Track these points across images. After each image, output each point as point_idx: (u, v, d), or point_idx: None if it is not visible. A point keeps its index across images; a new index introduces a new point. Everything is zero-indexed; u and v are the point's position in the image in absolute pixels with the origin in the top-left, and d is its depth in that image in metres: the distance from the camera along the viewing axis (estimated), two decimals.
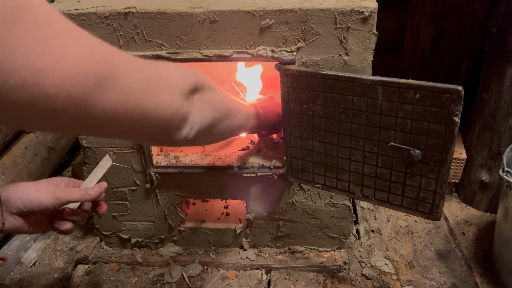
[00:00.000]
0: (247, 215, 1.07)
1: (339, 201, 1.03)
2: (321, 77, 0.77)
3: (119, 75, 0.39)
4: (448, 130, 0.68)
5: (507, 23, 1.08)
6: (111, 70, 0.38)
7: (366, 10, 0.79)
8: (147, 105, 0.43)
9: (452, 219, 1.28)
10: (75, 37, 0.35)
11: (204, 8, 0.81)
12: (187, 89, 0.51)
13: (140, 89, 0.42)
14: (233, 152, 1.05)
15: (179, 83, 0.50)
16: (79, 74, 0.34)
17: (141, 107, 0.42)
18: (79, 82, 0.34)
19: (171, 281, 1.07)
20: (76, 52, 0.34)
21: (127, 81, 0.40)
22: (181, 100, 0.49)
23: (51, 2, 0.88)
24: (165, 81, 0.47)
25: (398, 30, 1.49)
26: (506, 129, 1.17)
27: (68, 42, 0.34)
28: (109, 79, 0.37)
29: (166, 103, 0.46)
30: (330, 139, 0.82)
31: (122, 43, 0.85)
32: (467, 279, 1.06)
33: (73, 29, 0.35)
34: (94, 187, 0.69)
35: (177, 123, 0.50)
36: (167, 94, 0.46)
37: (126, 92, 0.40)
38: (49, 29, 0.32)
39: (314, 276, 1.07)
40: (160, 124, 0.47)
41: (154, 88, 0.44)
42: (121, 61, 0.40)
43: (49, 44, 0.32)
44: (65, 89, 0.33)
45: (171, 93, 0.47)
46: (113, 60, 0.39)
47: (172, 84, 0.48)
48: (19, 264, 1.14)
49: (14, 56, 0.29)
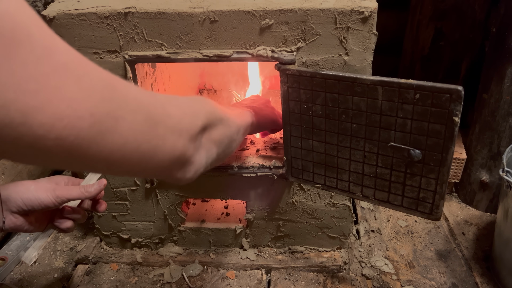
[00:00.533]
0: (247, 215, 1.07)
1: (339, 201, 1.03)
2: (321, 77, 0.77)
3: (119, 117, 0.35)
4: (448, 130, 0.68)
5: (507, 23, 1.08)
6: (110, 112, 0.34)
7: (366, 10, 0.79)
8: (148, 149, 0.40)
9: (452, 219, 1.28)
10: (75, 74, 0.32)
11: (204, 8, 0.81)
12: (196, 131, 0.47)
13: (142, 132, 0.38)
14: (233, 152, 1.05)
15: (188, 124, 0.46)
16: (72, 115, 0.31)
17: (140, 151, 0.39)
18: (71, 123, 0.31)
19: (171, 281, 1.07)
20: (73, 91, 0.31)
21: (127, 124, 0.36)
22: (187, 144, 0.45)
23: (51, 2, 0.88)
24: (173, 122, 0.43)
25: (398, 30, 1.49)
26: (506, 129, 1.17)
27: (65, 80, 0.31)
28: (107, 122, 0.34)
29: (169, 147, 0.42)
30: (330, 139, 0.82)
31: (122, 43, 0.85)
32: (467, 279, 1.06)
33: (75, 64, 0.33)
34: (93, 184, 0.69)
35: (180, 166, 0.46)
36: (171, 137, 0.43)
37: (124, 136, 0.36)
38: (46, 65, 0.30)
39: (314, 276, 1.07)
40: (161, 168, 0.44)
41: (158, 130, 0.41)
42: (124, 101, 0.37)
43: (44, 82, 0.29)
44: (54, 131, 0.30)
45: (177, 136, 0.43)
46: (114, 100, 0.35)
47: (180, 126, 0.44)
48: (19, 264, 1.14)
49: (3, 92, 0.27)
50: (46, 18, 0.83)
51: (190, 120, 0.46)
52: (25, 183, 0.66)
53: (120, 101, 0.36)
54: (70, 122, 0.31)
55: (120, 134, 0.36)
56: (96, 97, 0.33)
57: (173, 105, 0.45)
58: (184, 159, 0.46)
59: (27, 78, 0.28)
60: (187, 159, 0.46)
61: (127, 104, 0.37)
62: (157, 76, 1.04)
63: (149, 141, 0.39)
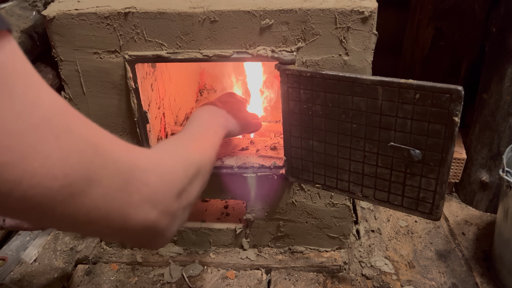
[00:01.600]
0: (247, 215, 1.07)
1: (339, 201, 1.03)
2: (321, 77, 0.77)
3: (95, 180, 0.33)
4: (448, 130, 0.68)
5: (507, 23, 1.08)
6: (85, 175, 0.33)
7: (366, 10, 0.79)
8: (118, 216, 0.37)
9: (452, 219, 1.28)
10: (56, 132, 0.30)
11: (204, 8, 0.81)
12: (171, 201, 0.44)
13: (115, 198, 0.36)
14: (233, 152, 1.05)
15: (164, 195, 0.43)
16: (44, 175, 0.29)
17: (110, 217, 0.37)
18: (41, 183, 0.29)
19: (171, 281, 1.07)
20: (49, 149, 0.30)
21: (101, 189, 0.34)
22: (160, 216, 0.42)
23: (51, 2, 0.88)
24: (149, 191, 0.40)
25: (398, 30, 1.48)
26: (506, 129, 1.17)
27: (44, 137, 0.29)
28: (81, 185, 0.32)
29: (140, 217, 0.40)
30: (330, 139, 0.82)
31: (122, 43, 0.85)
32: (467, 279, 1.06)
33: (56, 121, 0.31)
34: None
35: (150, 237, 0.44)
36: (145, 207, 0.40)
37: (95, 201, 0.34)
38: (25, 123, 0.28)
39: (314, 276, 1.07)
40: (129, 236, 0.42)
41: (132, 198, 0.38)
42: (103, 164, 0.35)
43: (20, 139, 0.28)
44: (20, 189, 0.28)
45: (150, 207, 0.41)
46: (94, 162, 0.33)
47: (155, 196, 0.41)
48: (19, 264, 1.14)
49: None
50: (46, 18, 0.83)
51: (166, 190, 0.44)
52: None
53: (99, 164, 0.34)
54: (40, 181, 0.29)
55: (92, 198, 0.34)
56: (74, 158, 0.32)
57: (153, 171, 0.42)
58: (155, 230, 0.43)
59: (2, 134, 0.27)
60: (158, 231, 0.44)
61: (105, 168, 0.35)
62: (157, 76, 1.04)
63: (121, 209, 0.37)
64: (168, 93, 1.13)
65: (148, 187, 0.40)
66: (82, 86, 0.91)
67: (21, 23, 1.09)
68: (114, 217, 0.37)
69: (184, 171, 0.49)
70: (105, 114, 0.94)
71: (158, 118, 1.04)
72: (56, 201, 0.31)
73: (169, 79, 1.14)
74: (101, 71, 0.89)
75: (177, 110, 1.23)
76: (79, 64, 0.89)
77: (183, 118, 1.30)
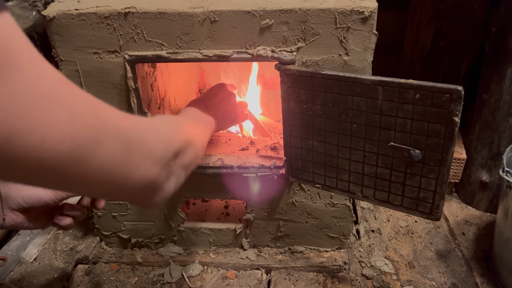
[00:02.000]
0: (247, 215, 1.07)
1: (339, 201, 1.03)
2: (321, 77, 0.77)
3: (99, 142, 0.37)
4: (448, 130, 0.68)
5: (507, 23, 1.08)
6: (91, 137, 0.36)
7: (366, 10, 0.79)
8: (122, 173, 0.41)
9: (452, 219, 1.28)
10: (60, 100, 0.33)
11: (204, 8, 0.81)
12: (169, 158, 0.49)
13: (118, 157, 0.40)
14: (233, 152, 1.05)
15: (162, 152, 0.47)
16: (55, 139, 0.32)
17: (115, 175, 0.40)
18: (53, 147, 0.32)
19: (171, 281, 1.07)
20: (57, 116, 0.32)
21: (106, 149, 0.38)
22: (159, 171, 0.47)
23: (51, 2, 0.88)
24: (148, 149, 0.45)
25: (398, 30, 1.48)
26: (506, 129, 1.17)
27: (51, 105, 0.32)
28: (87, 146, 0.35)
29: (142, 173, 0.44)
30: (330, 139, 0.82)
31: (122, 43, 0.85)
32: (467, 279, 1.06)
33: (60, 90, 0.34)
34: None
35: (150, 192, 0.48)
36: (145, 164, 0.44)
37: (101, 160, 0.38)
38: (34, 92, 0.31)
39: (314, 276, 1.07)
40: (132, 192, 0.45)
41: (133, 156, 0.42)
42: (104, 127, 0.38)
43: (31, 106, 0.30)
44: (36, 153, 0.31)
45: (151, 163, 0.45)
46: (96, 126, 0.37)
47: (154, 153, 0.46)
48: (19, 264, 1.14)
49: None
50: (46, 18, 0.83)
51: (163, 148, 0.48)
52: None
53: (101, 127, 0.37)
54: (53, 145, 0.32)
55: (98, 158, 0.37)
56: (79, 122, 0.34)
57: (149, 131, 0.46)
58: (155, 185, 0.47)
59: (15, 102, 0.29)
60: (158, 186, 0.48)
61: (107, 130, 0.38)
62: (157, 76, 1.04)
63: (124, 167, 0.41)
64: (168, 93, 1.13)
65: (146, 146, 0.44)
66: (82, 86, 0.91)
67: (21, 23, 1.09)
68: (119, 174, 0.40)
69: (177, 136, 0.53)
70: None
71: None
72: (67, 163, 0.34)
73: (169, 79, 1.14)
74: (101, 71, 0.89)
75: (177, 110, 1.23)
76: (79, 64, 0.89)
77: None
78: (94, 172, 0.37)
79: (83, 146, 0.35)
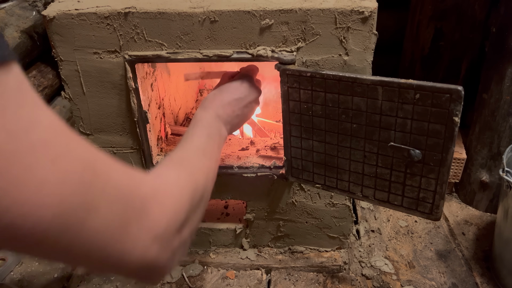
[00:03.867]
0: (247, 215, 1.07)
1: (339, 201, 1.03)
2: (321, 77, 0.77)
3: (92, 209, 0.30)
4: (448, 130, 0.68)
5: (507, 23, 1.08)
6: (82, 202, 0.30)
7: (366, 10, 0.79)
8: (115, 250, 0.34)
9: (452, 219, 1.28)
10: (53, 153, 0.28)
11: (204, 8, 0.81)
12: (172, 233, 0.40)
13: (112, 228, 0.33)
14: (233, 152, 1.05)
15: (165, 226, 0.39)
16: (36, 202, 0.26)
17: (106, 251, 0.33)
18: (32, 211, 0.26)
19: (171, 281, 1.07)
20: (46, 173, 0.27)
21: (98, 218, 0.31)
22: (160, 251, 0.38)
23: (51, 2, 0.88)
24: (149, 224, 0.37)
25: (398, 30, 1.48)
26: (506, 129, 1.17)
27: (40, 159, 0.27)
28: (77, 213, 0.29)
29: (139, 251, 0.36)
30: (330, 139, 0.82)
31: (122, 43, 0.85)
32: (467, 279, 1.06)
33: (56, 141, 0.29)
34: None
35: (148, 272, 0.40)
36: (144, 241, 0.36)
37: (92, 232, 0.31)
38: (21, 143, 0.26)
39: (314, 276, 1.07)
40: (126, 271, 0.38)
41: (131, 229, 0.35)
42: (103, 189, 0.32)
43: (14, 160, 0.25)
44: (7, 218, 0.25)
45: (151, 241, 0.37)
46: (91, 189, 0.30)
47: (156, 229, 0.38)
48: (19, 264, 1.14)
49: None
50: (46, 18, 0.83)
51: (167, 221, 0.39)
52: None
53: (99, 190, 0.31)
54: (31, 209, 0.26)
55: (88, 229, 0.31)
56: (71, 183, 0.29)
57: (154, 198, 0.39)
58: (154, 266, 0.39)
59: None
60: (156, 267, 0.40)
61: (105, 194, 0.32)
62: (157, 76, 1.04)
63: (119, 241, 0.34)
64: (168, 93, 1.13)
65: (148, 219, 0.37)
66: (82, 86, 0.91)
67: (21, 23, 1.09)
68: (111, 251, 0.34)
69: (190, 199, 0.45)
70: (105, 114, 0.94)
71: (158, 118, 1.04)
72: (48, 231, 0.28)
73: (169, 79, 1.14)
74: (101, 71, 0.89)
75: (177, 110, 1.23)
76: (79, 64, 0.89)
77: (183, 118, 1.30)
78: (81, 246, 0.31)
79: (72, 213, 0.29)
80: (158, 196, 0.39)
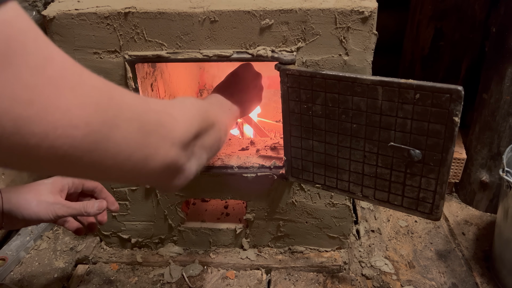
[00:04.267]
0: (247, 215, 1.07)
1: (339, 201, 1.03)
2: (321, 77, 0.77)
3: (114, 125, 0.35)
4: (448, 130, 0.68)
5: (507, 23, 1.08)
6: (105, 120, 0.34)
7: (366, 10, 0.79)
8: (140, 157, 0.39)
9: (452, 219, 1.28)
10: (70, 84, 0.32)
11: (204, 8, 0.81)
12: (188, 140, 0.47)
13: (135, 140, 0.38)
14: (233, 152, 1.05)
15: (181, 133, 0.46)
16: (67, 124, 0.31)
17: (132, 160, 0.38)
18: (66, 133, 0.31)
19: (171, 281, 1.07)
20: (68, 100, 0.31)
21: (121, 132, 0.36)
22: (179, 153, 0.45)
23: (51, 2, 0.88)
24: (166, 131, 0.43)
25: (398, 30, 1.48)
26: (506, 129, 1.17)
27: (60, 89, 0.31)
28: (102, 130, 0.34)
29: (161, 156, 0.42)
30: (330, 139, 0.82)
31: (122, 43, 0.85)
32: (467, 279, 1.06)
33: (70, 73, 0.32)
34: (94, 205, 0.72)
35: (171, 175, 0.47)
36: (164, 146, 0.42)
37: (118, 145, 0.36)
38: (41, 75, 0.29)
39: (314, 276, 1.07)
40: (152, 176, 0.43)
41: (151, 139, 0.40)
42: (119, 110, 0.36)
43: (39, 91, 0.29)
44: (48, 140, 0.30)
45: (170, 145, 0.43)
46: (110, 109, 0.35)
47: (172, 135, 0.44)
48: (19, 264, 1.14)
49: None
50: (46, 18, 0.83)
51: (183, 129, 0.46)
52: (27, 197, 0.68)
53: (116, 110, 0.36)
54: (65, 131, 0.31)
55: (114, 143, 0.35)
56: (91, 106, 0.33)
57: (166, 113, 0.45)
58: (176, 168, 0.46)
59: (22, 87, 0.28)
60: (178, 168, 0.46)
61: (122, 113, 0.37)
62: (157, 76, 1.04)
63: (142, 150, 0.39)
64: (168, 93, 1.13)
65: (164, 128, 0.43)
66: None
67: None
68: (137, 159, 0.39)
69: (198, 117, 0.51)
70: None
71: None
72: (82, 149, 0.33)
73: (169, 79, 1.14)
74: (101, 71, 0.89)
75: None
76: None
77: None
78: (111, 158, 0.36)
79: (98, 131, 0.33)
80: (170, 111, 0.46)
